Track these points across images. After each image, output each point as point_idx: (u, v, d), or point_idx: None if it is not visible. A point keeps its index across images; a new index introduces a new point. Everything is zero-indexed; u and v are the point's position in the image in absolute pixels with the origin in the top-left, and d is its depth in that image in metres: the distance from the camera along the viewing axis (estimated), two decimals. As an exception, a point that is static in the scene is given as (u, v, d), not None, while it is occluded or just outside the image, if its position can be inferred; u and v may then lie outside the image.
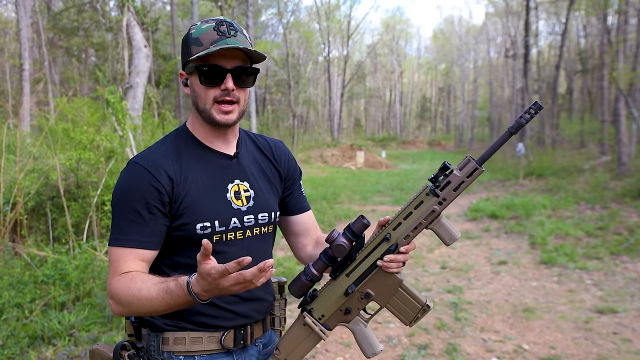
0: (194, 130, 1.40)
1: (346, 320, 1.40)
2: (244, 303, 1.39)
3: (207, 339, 1.36)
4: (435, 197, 1.30)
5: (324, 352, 3.84)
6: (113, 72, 11.83)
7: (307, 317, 1.38)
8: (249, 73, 1.33)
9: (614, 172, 12.77)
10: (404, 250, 1.33)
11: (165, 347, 1.34)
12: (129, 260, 1.25)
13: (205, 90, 1.31)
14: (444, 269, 6.03)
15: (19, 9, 16.98)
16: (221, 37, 1.29)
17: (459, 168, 1.29)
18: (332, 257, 1.34)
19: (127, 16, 10.86)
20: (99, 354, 1.40)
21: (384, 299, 1.38)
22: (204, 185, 1.34)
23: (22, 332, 3.71)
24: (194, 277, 1.12)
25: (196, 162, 1.35)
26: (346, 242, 1.30)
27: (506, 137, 1.25)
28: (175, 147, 1.36)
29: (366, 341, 1.42)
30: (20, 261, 4.97)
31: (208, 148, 1.39)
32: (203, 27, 1.31)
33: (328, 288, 1.39)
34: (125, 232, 1.26)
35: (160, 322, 1.35)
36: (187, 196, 1.30)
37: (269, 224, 1.44)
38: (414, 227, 1.32)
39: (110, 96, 6.29)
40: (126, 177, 1.30)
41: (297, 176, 1.56)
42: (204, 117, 1.34)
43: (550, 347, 3.77)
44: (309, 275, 1.35)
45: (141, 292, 1.19)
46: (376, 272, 1.35)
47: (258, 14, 32.29)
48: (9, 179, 5.99)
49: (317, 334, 1.39)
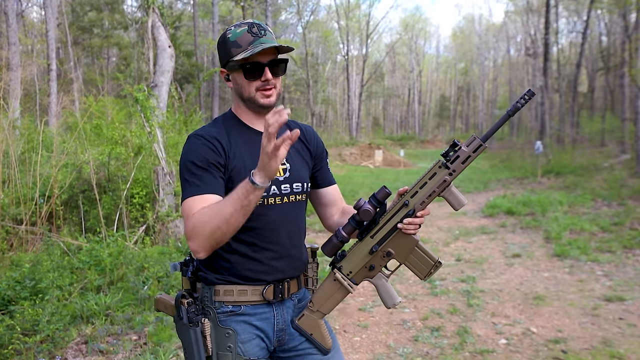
0: (240, 115, 1.68)
1: (370, 275, 1.65)
2: (281, 260, 1.64)
3: (251, 292, 1.61)
4: (447, 169, 1.55)
5: (343, 333, 4.08)
6: (139, 71, 12.20)
7: (337, 273, 1.64)
8: (279, 63, 1.62)
9: (633, 170, 12.77)
10: (420, 215, 1.58)
11: (217, 297, 1.61)
12: (201, 203, 1.48)
13: (249, 83, 1.59)
14: (459, 261, 6.22)
15: (46, 10, 17.50)
16: (255, 38, 1.57)
17: (466, 145, 1.55)
18: (359, 221, 1.59)
19: (152, 17, 11.21)
20: (162, 302, 1.67)
21: (402, 256, 1.63)
22: (249, 157, 1.60)
23: (64, 311, 4.01)
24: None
25: (242, 139, 1.63)
26: (371, 208, 1.56)
27: (505, 118, 1.51)
28: (225, 126, 1.64)
29: (387, 293, 1.67)
30: (57, 249, 5.31)
31: (251, 128, 1.66)
32: (238, 31, 1.59)
33: (355, 248, 1.64)
34: (195, 184, 1.51)
35: (212, 276, 1.61)
36: (236, 166, 1.57)
37: (302, 193, 1.69)
38: (428, 194, 1.57)
39: (139, 94, 6.59)
40: (189, 146, 1.57)
41: (324, 155, 1.83)
42: (250, 103, 1.62)
43: (557, 330, 3.96)
44: (339, 236, 1.61)
45: (212, 207, 1.44)
46: (396, 233, 1.60)
47: (277, 14, 32.61)
48: (44, 173, 6.34)
49: (346, 288, 1.64)
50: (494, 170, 18.56)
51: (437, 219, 9.12)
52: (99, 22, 22.84)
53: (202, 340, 1.55)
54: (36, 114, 14.43)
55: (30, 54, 19.63)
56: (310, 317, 1.65)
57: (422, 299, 4.83)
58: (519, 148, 24.96)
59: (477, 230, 8.04)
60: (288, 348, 1.71)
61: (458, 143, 1.54)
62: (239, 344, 1.59)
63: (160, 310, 1.68)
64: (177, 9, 26.35)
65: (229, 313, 1.60)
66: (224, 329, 1.59)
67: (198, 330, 1.55)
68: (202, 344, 1.55)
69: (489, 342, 3.82)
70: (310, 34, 35.77)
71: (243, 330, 1.60)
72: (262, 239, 1.60)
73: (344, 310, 4.57)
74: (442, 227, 8.49)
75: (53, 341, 3.65)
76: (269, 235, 1.61)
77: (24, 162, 6.61)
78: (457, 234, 7.89)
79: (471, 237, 7.64)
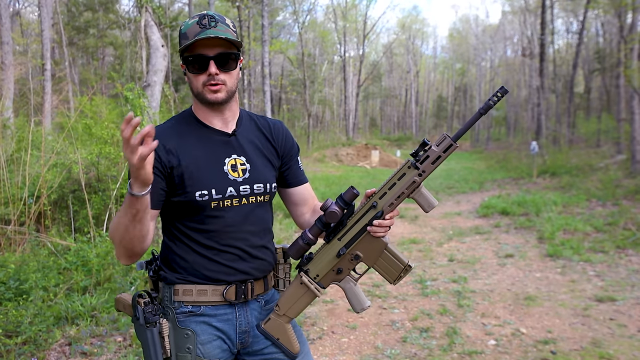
0: (197, 113, 1.61)
1: (338, 279, 1.60)
2: (242, 261, 1.59)
3: (212, 292, 1.56)
4: (416, 169, 1.49)
5: (331, 334, 4.03)
6: (131, 70, 12.15)
7: (303, 277, 1.59)
8: (233, 58, 1.53)
9: (628, 170, 12.75)
10: (389, 217, 1.52)
11: (176, 297, 1.56)
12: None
13: (195, 77, 1.53)
14: (452, 262, 6.18)
15: (41, 10, 17.43)
16: (202, 29, 1.49)
17: (436, 144, 1.47)
18: (326, 223, 1.54)
19: (145, 16, 11.16)
20: (121, 301, 1.62)
21: (371, 260, 1.57)
22: (203, 159, 1.54)
23: (48, 312, 3.96)
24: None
25: (196, 140, 1.56)
26: (338, 210, 1.50)
27: (477, 117, 1.43)
28: (177, 126, 1.58)
29: (355, 298, 1.61)
30: (44, 250, 5.25)
31: (208, 127, 1.60)
32: (189, 22, 1.52)
33: (322, 250, 1.59)
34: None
35: (172, 276, 1.57)
36: (187, 168, 1.51)
37: (265, 194, 1.62)
38: (397, 196, 1.51)
39: (129, 93, 6.54)
40: None
41: (293, 153, 1.75)
42: (200, 99, 1.56)
43: (547, 331, 3.92)
44: (305, 238, 1.56)
45: (115, 219, 1.44)
46: (364, 236, 1.54)
47: (274, 14, 32.55)
48: (33, 173, 6.28)
49: (313, 292, 1.59)
50: (490, 171, 18.55)
51: (431, 219, 9.08)
52: (94, 22, 22.77)
53: (159, 341, 1.51)
54: (30, 114, 14.35)
55: (25, 54, 19.55)
56: (277, 321, 1.60)
57: (413, 300, 4.79)
58: (515, 148, 24.96)
59: (471, 231, 8.00)
60: (253, 351, 1.65)
61: (428, 142, 1.47)
62: (198, 345, 1.55)
63: (120, 310, 1.64)
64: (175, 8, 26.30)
65: (188, 313, 1.56)
66: (183, 330, 1.55)
67: (155, 330, 1.50)
68: (159, 345, 1.50)
69: (478, 343, 3.78)
70: (307, 34, 35.71)
71: (203, 331, 1.56)
72: (219, 241, 1.55)
73: (333, 311, 4.52)
74: (436, 227, 8.45)
75: (35, 343, 3.60)
76: (227, 237, 1.56)
77: (14, 162, 6.55)
78: (451, 234, 7.85)
79: (465, 237, 7.60)
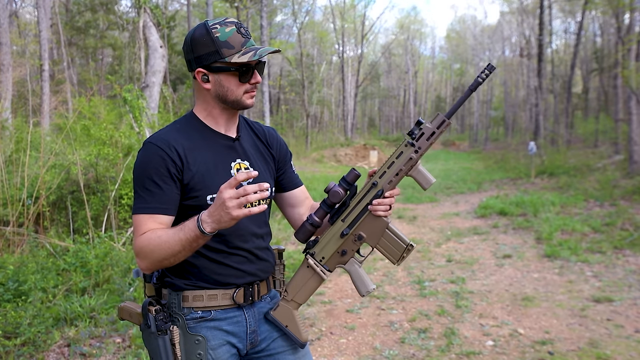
0: (202, 116, 1.61)
1: (343, 261, 1.65)
2: (250, 263, 1.61)
3: (222, 296, 1.57)
4: (412, 147, 1.55)
5: (329, 335, 4.04)
6: (130, 71, 12.15)
7: (310, 259, 1.64)
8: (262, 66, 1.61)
9: (626, 170, 12.78)
10: (389, 195, 1.58)
11: (185, 303, 1.56)
12: (150, 222, 1.47)
13: (239, 85, 1.54)
14: (450, 262, 6.20)
15: (39, 11, 17.42)
16: (246, 39, 1.52)
17: (430, 121, 1.56)
18: (330, 205, 1.60)
19: (144, 17, 11.18)
20: (126, 310, 1.61)
21: (374, 239, 1.62)
22: (212, 162, 1.56)
23: (47, 313, 3.97)
24: (206, 210, 1.37)
25: (204, 143, 1.58)
26: (341, 190, 1.58)
27: (467, 94, 1.52)
28: (185, 129, 1.59)
29: (360, 280, 1.65)
30: (43, 251, 5.26)
31: (214, 131, 1.61)
32: (227, 31, 1.49)
33: (327, 233, 1.63)
34: (146, 200, 1.48)
35: (180, 282, 1.57)
36: (198, 171, 1.53)
37: (267, 197, 1.65)
38: (395, 173, 1.57)
39: (128, 94, 6.55)
40: (143, 155, 1.53)
41: (287, 158, 1.80)
42: (234, 105, 1.56)
43: (544, 331, 3.94)
44: (311, 220, 1.61)
45: (161, 237, 1.42)
46: (367, 215, 1.60)
47: (273, 14, 32.56)
48: (32, 174, 6.28)
49: (319, 275, 1.63)
50: (488, 171, 18.57)
51: (430, 220, 9.10)
52: (93, 23, 22.75)
53: (171, 348, 1.51)
54: (29, 115, 14.34)
55: (24, 55, 19.53)
56: (286, 307, 1.64)
57: (411, 300, 4.81)
58: (514, 149, 24.98)
59: (469, 231, 8.02)
60: (259, 349, 1.68)
61: (422, 121, 1.55)
62: (209, 350, 1.55)
63: (124, 319, 1.62)
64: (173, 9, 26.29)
65: (199, 319, 1.56)
66: (194, 336, 1.55)
67: (167, 338, 1.51)
68: (171, 353, 1.51)
69: (476, 343, 3.79)
70: (305, 35, 35.73)
71: (213, 336, 1.57)
72: (228, 244, 1.57)
73: (331, 311, 4.54)
74: (434, 227, 8.47)
75: (34, 344, 3.60)
76: (236, 240, 1.58)
77: (12, 163, 6.55)
78: (449, 234, 7.87)
79: (463, 237, 7.62)
